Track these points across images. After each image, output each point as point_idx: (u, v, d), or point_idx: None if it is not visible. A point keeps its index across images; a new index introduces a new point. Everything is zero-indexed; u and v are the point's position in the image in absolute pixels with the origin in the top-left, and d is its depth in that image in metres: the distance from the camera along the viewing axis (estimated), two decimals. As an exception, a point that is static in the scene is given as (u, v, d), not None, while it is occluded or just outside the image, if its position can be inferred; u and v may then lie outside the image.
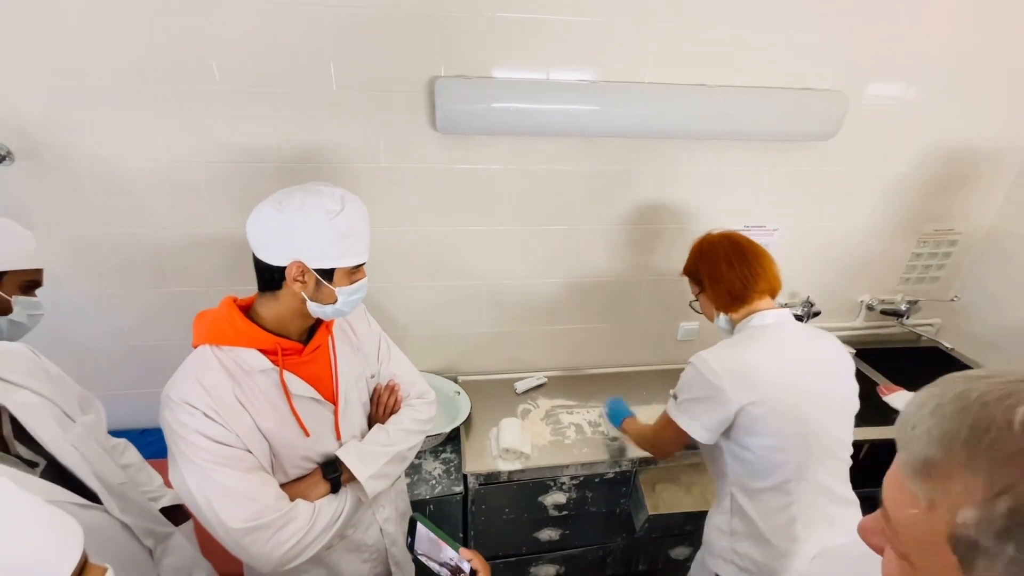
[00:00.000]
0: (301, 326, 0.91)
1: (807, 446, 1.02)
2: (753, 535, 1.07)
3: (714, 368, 1.03)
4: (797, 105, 1.42)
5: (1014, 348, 1.77)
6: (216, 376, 0.82)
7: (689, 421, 1.08)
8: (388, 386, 1.07)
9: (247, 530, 0.79)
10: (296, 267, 0.82)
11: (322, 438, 0.93)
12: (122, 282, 1.42)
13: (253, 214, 0.82)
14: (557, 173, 1.49)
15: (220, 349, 0.84)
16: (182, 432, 0.79)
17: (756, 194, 1.63)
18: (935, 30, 1.45)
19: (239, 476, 0.80)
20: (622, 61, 1.35)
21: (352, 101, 1.30)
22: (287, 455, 0.89)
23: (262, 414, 0.85)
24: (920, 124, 1.60)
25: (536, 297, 1.69)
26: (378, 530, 1.05)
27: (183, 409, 0.79)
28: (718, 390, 1.03)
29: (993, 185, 1.76)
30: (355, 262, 0.86)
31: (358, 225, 0.85)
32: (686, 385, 1.10)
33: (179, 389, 0.80)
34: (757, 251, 1.13)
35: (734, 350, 1.06)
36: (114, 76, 1.18)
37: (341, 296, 0.87)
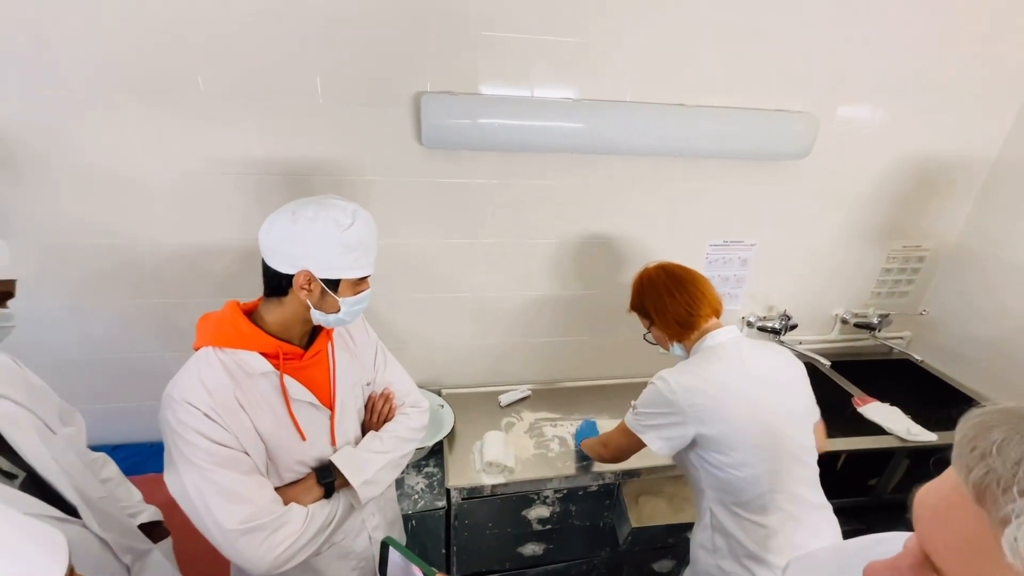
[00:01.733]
0: (303, 331, 0.94)
1: (776, 457, 1.05)
2: (735, 551, 1.08)
3: (673, 388, 1.07)
4: (771, 126, 1.48)
5: (981, 361, 1.84)
6: (218, 377, 0.83)
7: (647, 433, 1.12)
8: (383, 394, 1.09)
9: (242, 531, 0.80)
10: (304, 276, 0.84)
11: (318, 443, 0.94)
12: (96, 293, 1.39)
13: (267, 222, 0.85)
14: (540, 188, 1.51)
15: (222, 351, 0.85)
16: (182, 431, 0.79)
17: (734, 210, 1.68)
18: (899, 53, 1.53)
19: (236, 477, 0.81)
20: (604, 80, 1.39)
21: (338, 115, 1.31)
22: (283, 458, 0.90)
23: (260, 416, 0.86)
24: (887, 143, 1.67)
25: (520, 310, 1.70)
26: (367, 537, 1.05)
27: (184, 408, 0.79)
28: (677, 409, 1.07)
29: (957, 203, 1.84)
30: (361, 274, 0.89)
31: (367, 239, 0.88)
32: (646, 401, 1.14)
33: (181, 388, 0.81)
34: (694, 277, 1.18)
35: (693, 370, 1.10)
36: (94, 85, 1.17)
37: (344, 306, 0.89)
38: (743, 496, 1.06)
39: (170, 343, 1.49)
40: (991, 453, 0.31)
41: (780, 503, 1.05)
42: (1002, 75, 1.63)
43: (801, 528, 1.05)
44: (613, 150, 1.46)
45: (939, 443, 1.57)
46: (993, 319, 1.79)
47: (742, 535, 1.07)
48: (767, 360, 1.13)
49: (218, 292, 1.45)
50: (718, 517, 1.11)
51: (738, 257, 1.76)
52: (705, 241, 1.72)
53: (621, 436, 1.22)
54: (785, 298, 1.89)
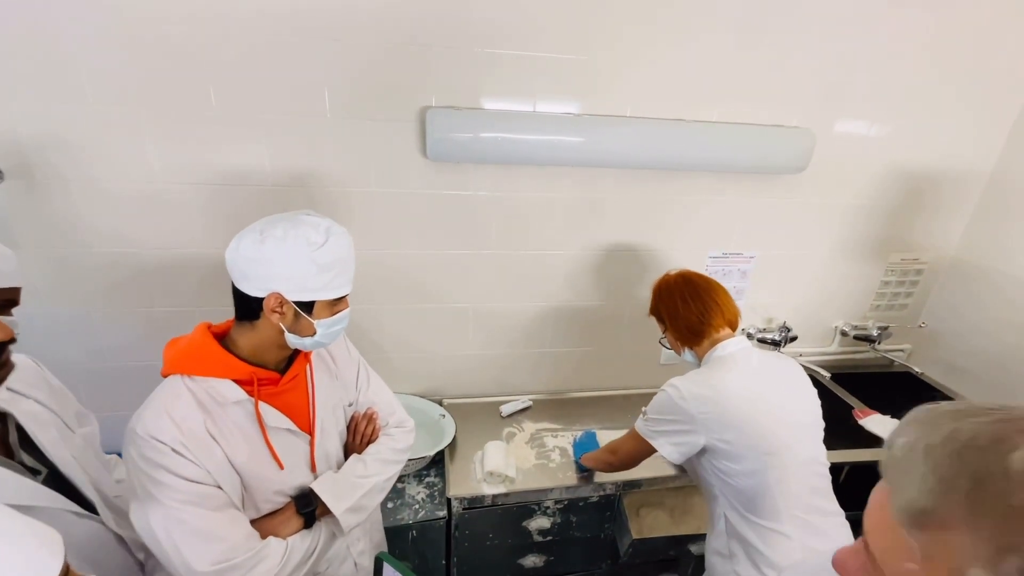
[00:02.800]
0: (279, 355, 0.89)
1: (786, 466, 1.05)
2: (753, 558, 1.08)
3: (684, 395, 1.09)
4: (769, 141, 1.51)
5: (981, 373, 1.84)
6: (186, 408, 0.78)
7: (658, 439, 1.14)
8: (366, 414, 1.05)
9: (215, 573, 0.75)
10: (274, 299, 0.80)
11: (296, 470, 0.90)
12: (107, 302, 1.41)
13: (233, 242, 0.81)
14: (543, 200, 1.54)
15: (192, 379, 0.81)
16: (148, 469, 0.75)
17: (734, 223, 1.70)
18: (894, 67, 1.56)
19: (207, 515, 0.76)
20: (604, 96, 1.43)
21: (345, 128, 1.34)
22: (259, 489, 0.85)
23: (234, 447, 0.81)
24: (884, 157, 1.70)
25: (522, 321, 1.72)
26: (352, 564, 1.01)
27: (149, 445, 0.75)
28: (687, 417, 1.08)
29: (955, 216, 1.86)
30: (337, 295, 0.84)
31: (342, 256, 0.83)
32: (657, 407, 1.16)
33: (146, 423, 0.76)
34: (711, 287, 1.20)
35: (704, 379, 1.11)
36: (111, 98, 1.21)
37: (320, 328, 0.85)
38: (756, 504, 1.07)
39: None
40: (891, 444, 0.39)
41: (794, 512, 1.05)
42: (997, 88, 1.66)
43: (817, 534, 1.06)
44: (613, 164, 1.49)
45: (940, 456, 1.57)
46: (992, 332, 1.80)
47: (758, 541, 1.07)
48: (777, 370, 1.15)
49: (225, 301, 1.47)
50: (732, 523, 1.11)
51: (737, 269, 1.78)
52: (705, 253, 1.74)
53: (631, 442, 1.23)
54: (785, 310, 1.90)
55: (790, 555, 1.04)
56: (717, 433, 1.06)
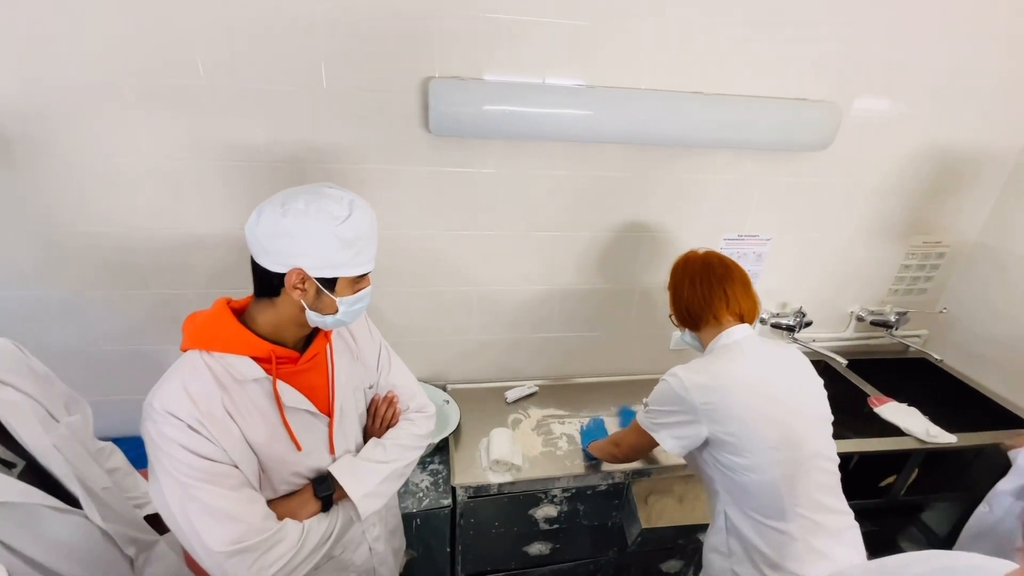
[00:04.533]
0: (298, 334, 0.87)
1: (793, 462, 1.00)
2: (752, 557, 1.04)
3: (686, 385, 1.04)
4: (793, 115, 1.42)
5: (1001, 361, 1.78)
6: (204, 384, 0.77)
7: (659, 432, 1.10)
8: (386, 398, 1.03)
9: (230, 553, 0.74)
10: (296, 274, 0.77)
11: (314, 452, 0.88)
12: (101, 284, 1.36)
13: (253, 215, 0.78)
14: (551, 179, 1.47)
15: (210, 355, 0.79)
16: (164, 445, 0.73)
17: (749, 204, 1.63)
18: (923, 42, 1.47)
19: (223, 494, 0.75)
20: (618, 67, 1.34)
21: (343, 101, 1.26)
22: (277, 470, 0.84)
23: (252, 426, 0.80)
24: (908, 136, 1.62)
25: (527, 304, 1.66)
26: (367, 549, 0.99)
27: (166, 420, 0.73)
28: (689, 407, 1.04)
29: (980, 199, 1.79)
30: (360, 271, 0.82)
31: (366, 233, 0.80)
32: (658, 398, 1.11)
33: (163, 398, 0.74)
34: (729, 275, 1.13)
35: (706, 367, 1.06)
36: (94, 69, 1.13)
37: (343, 306, 0.83)
38: (760, 501, 1.02)
39: (173, 334, 1.46)
40: None
41: (799, 509, 1.00)
42: None
43: (823, 535, 1.01)
44: (625, 139, 1.41)
45: (959, 445, 1.53)
46: (1014, 318, 1.74)
47: (759, 540, 1.03)
48: (783, 361, 1.10)
49: (221, 282, 1.42)
50: (733, 521, 1.07)
51: (753, 252, 1.71)
52: (719, 235, 1.67)
53: (634, 435, 1.20)
54: (800, 294, 1.84)
55: (792, 556, 1.00)
56: (720, 425, 1.01)
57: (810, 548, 1.00)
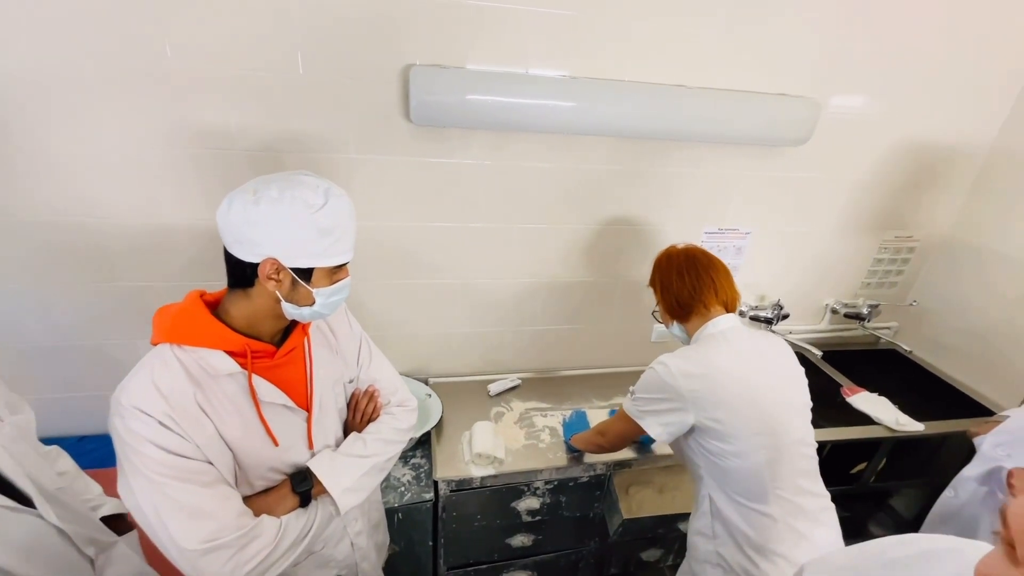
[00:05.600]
0: (274, 327, 0.84)
1: (776, 447, 1.03)
2: (736, 538, 1.07)
3: (673, 372, 1.06)
4: (773, 110, 1.43)
5: (967, 352, 1.85)
6: (175, 379, 0.74)
7: (646, 419, 1.11)
8: (367, 392, 1.01)
9: (204, 551, 0.72)
10: (270, 264, 0.75)
11: (293, 447, 0.86)
12: (60, 276, 1.30)
13: (224, 203, 0.75)
14: (534, 171, 1.45)
15: (182, 349, 0.76)
16: (133, 442, 0.71)
17: (730, 198, 1.64)
18: (899, 40, 1.49)
19: (196, 491, 0.73)
20: (601, 59, 1.33)
21: (320, 87, 1.22)
22: (253, 466, 0.82)
23: (226, 422, 0.78)
24: (884, 133, 1.65)
25: (510, 297, 1.65)
26: (349, 544, 0.98)
27: (135, 416, 0.71)
28: (676, 395, 1.05)
29: (950, 195, 1.84)
30: (337, 262, 0.79)
31: (343, 221, 0.77)
32: (645, 386, 1.12)
33: (132, 393, 0.72)
34: (712, 264, 1.16)
35: (693, 355, 1.08)
36: (51, 50, 1.07)
37: (319, 298, 0.80)
38: (744, 485, 1.05)
39: (140, 329, 1.41)
40: None
41: (781, 493, 1.03)
42: (999, 64, 1.61)
43: (803, 517, 1.04)
44: (609, 132, 1.40)
45: (927, 433, 1.58)
46: (980, 311, 1.81)
47: (743, 523, 1.05)
48: (767, 350, 1.12)
49: (191, 275, 1.37)
50: (718, 505, 1.10)
51: (733, 245, 1.73)
52: (700, 228, 1.69)
53: (620, 423, 1.21)
54: (778, 287, 1.87)
55: (775, 538, 1.03)
56: (707, 412, 1.03)
57: (791, 529, 1.03)
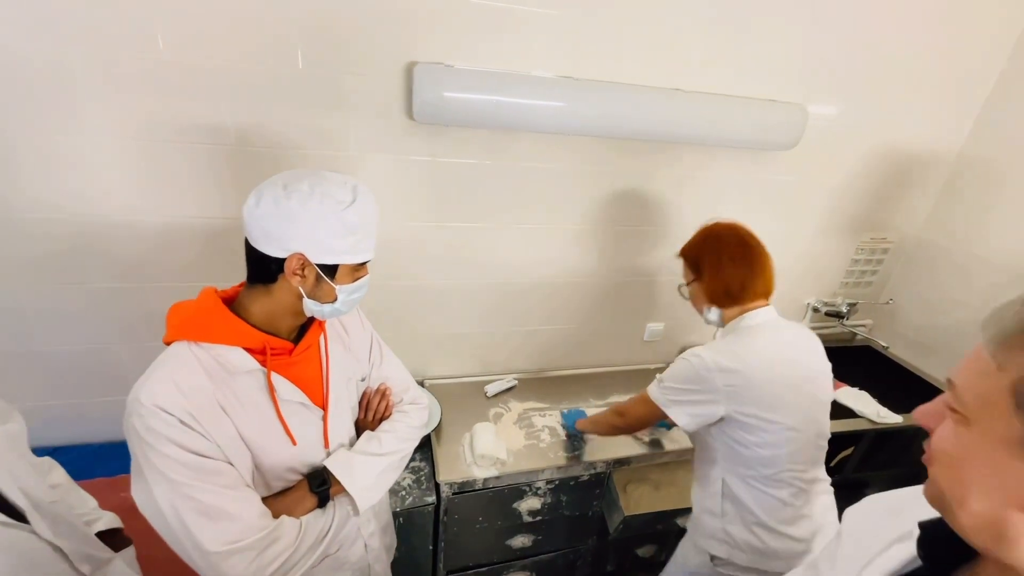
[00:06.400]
0: (293, 323, 0.84)
1: (799, 440, 1.06)
2: (744, 517, 1.10)
3: (709, 366, 1.04)
4: (764, 115, 1.48)
5: (938, 348, 1.95)
6: (195, 377, 0.73)
7: (673, 408, 1.09)
8: (379, 390, 1.01)
9: (227, 553, 0.71)
10: (297, 260, 0.74)
11: (309, 446, 0.86)
12: (34, 277, 1.22)
13: (252, 197, 0.74)
14: (532, 171, 1.46)
15: (199, 346, 0.75)
16: (153, 441, 0.69)
17: (719, 200, 1.69)
18: (876, 47, 1.56)
19: (218, 492, 0.71)
20: (601, 61, 1.34)
21: (321, 83, 1.19)
22: (271, 465, 0.81)
23: (245, 420, 0.77)
24: (863, 138, 1.73)
25: (506, 297, 1.65)
26: (363, 546, 0.97)
27: (155, 415, 0.69)
28: (710, 387, 1.04)
29: (921, 198, 1.94)
30: (361, 259, 0.80)
31: (369, 219, 0.78)
32: (677, 375, 1.10)
33: (151, 392, 0.70)
34: (762, 252, 1.13)
35: (730, 348, 1.06)
36: (44, 45, 1.01)
37: (341, 295, 0.80)
38: (761, 471, 1.06)
39: (123, 334, 1.34)
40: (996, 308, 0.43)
41: (794, 479, 1.07)
42: (967, 72, 1.70)
43: (810, 501, 1.09)
44: (607, 133, 1.41)
45: (904, 425, 1.66)
46: (949, 309, 1.91)
47: (753, 504, 1.08)
48: (801, 344, 1.12)
49: (180, 277, 1.31)
50: (730, 486, 1.11)
51: (723, 246, 1.77)
52: (690, 229, 1.71)
53: (642, 407, 1.17)
54: (763, 287, 1.93)
55: (781, 518, 1.07)
56: (740, 407, 1.02)
57: (796, 509, 1.08)
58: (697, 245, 1.17)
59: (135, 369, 1.38)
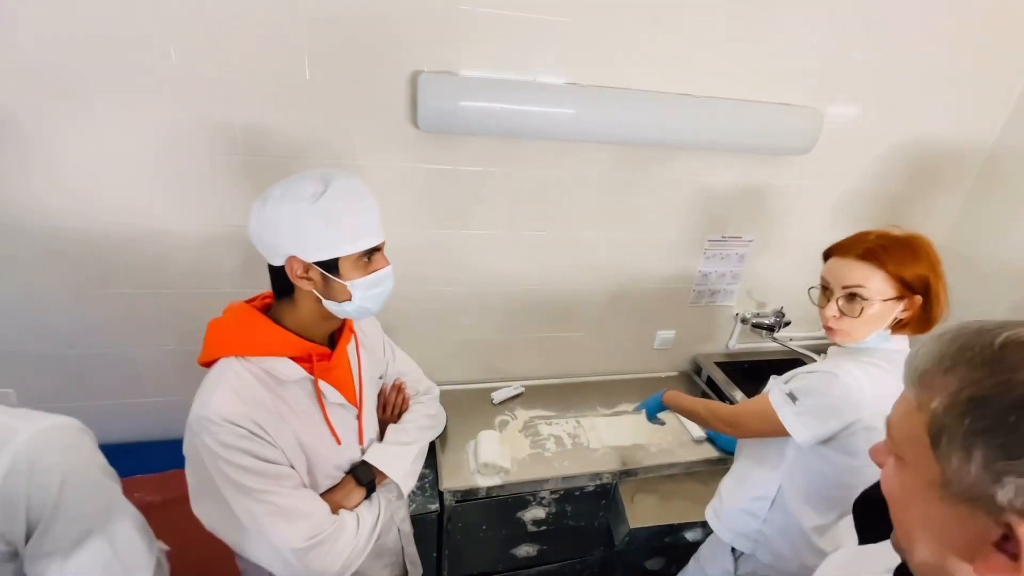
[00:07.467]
0: (326, 329, 0.87)
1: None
2: (790, 531, 1.05)
3: (864, 388, 0.90)
4: (777, 120, 1.44)
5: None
6: (253, 389, 0.76)
7: (802, 429, 0.95)
8: (395, 385, 1.08)
9: (308, 548, 0.76)
10: (295, 263, 0.75)
11: (347, 444, 0.90)
12: (55, 281, 1.26)
13: (250, 214, 0.77)
14: (540, 178, 1.45)
15: (247, 360, 0.77)
16: (228, 455, 0.71)
17: (733, 206, 1.65)
18: (896, 47, 1.50)
19: (290, 493, 0.77)
20: (609, 67, 1.33)
21: (327, 92, 1.21)
22: (320, 466, 0.86)
23: (300, 427, 0.81)
24: (883, 140, 1.66)
25: (514, 304, 1.64)
26: (396, 531, 1.03)
27: (227, 429, 0.71)
28: (857, 415, 0.91)
29: (946, 201, 1.86)
30: (357, 248, 0.76)
31: (351, 205, 0.75)
32: (817, 392, 0.94)
33: (219, 408, 0.72)
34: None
35: (882, 373, 0.91)
36: (53, 51, 1.05)
37: (356, 291, 0.79)
38: (831, 492, 1.00)
39: (136, 338, 1.38)
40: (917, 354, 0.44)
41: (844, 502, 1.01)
42: (998, 68, 1.62)
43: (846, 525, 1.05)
44: (615, 140, 1.40)
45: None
46: (984, 315, 1.82)
47: (802, 520, 1.03)
48: None
49: (190, 283, 1.34)
50: (785, 497, 1.04)
51: (735, 253, 1.74)
52: (703, 236, 1.69)
53: (759, 422, 1.02)
54: (779, 294, 1.88)
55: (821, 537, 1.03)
56: (865, 438, 0.91)
57: (834, 538, 1.05)
58: (924, 262, 0.92)
59: (149, 372, 1.42)
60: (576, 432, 1.56)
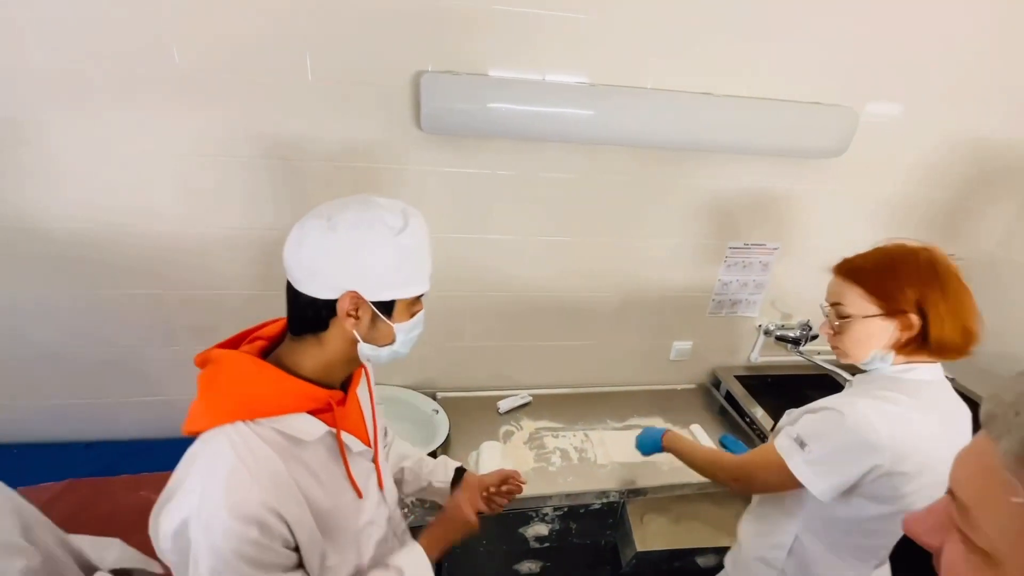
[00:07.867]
0: (344, 372, 0.75)
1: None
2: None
3: (879, 430, 0.80)
4: (806, 119, 1.34)
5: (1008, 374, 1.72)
6: (268, 462, 0.63)
7: (816, 480, 0.85)
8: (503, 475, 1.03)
9: None
10: (350, 299, 0.65)
11: (368, 496, 0.79)
12: (72, 282, 1.28)
13: (294, 234, 0.66)
14: (548, 181, 1.39)
15: (256, 423, 0.64)
16: (246, 550, 0.59)
17: (757, 211, 1.55)
18: (939, 42, 1.38)
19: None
20: (624, 65, 1.26)
21: (330, 94, 1.18)
22: (337, 526, 0.72)
23: (320, 494, 0.68)
24: (925, 142, 1.54)
25: (523, 310, 1.59)
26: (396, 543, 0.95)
27: (243, 526, 0.59)
28: (881, 459, 0.81)
29: (998, 209, 1.71)
30: (419, 291, 0.71)
31: (423, 245, 0.70)
32: (825, 436, 0.85)
33: (231, 499, 0.59)
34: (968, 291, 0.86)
35: (897, 409, 0.82)
36: (58, 54, 1.05)
37: (400, 334, 0.71)
38: (862, 540, 0.92)
39: (150, 337, 1.39)
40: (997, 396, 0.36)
41: (886, 553, 0.94)
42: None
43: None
44: (631, 142, 1.33)
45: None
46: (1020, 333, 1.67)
47: (826, 571, 0.94)
48: (959, 421, 0.88)
49: (200, 284, 1.34)
50: (805, 545, 0.95)
51: (759, 261, 1.64)
52: (724, 243, 1.60)
53: (769, 475, 0.92)
54: (804, 306, 1.76)
55: None
56: (894, 482, 0.82)
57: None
58: (927, 277, 0.83)
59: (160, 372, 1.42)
60: (583, 446, 1.49)
